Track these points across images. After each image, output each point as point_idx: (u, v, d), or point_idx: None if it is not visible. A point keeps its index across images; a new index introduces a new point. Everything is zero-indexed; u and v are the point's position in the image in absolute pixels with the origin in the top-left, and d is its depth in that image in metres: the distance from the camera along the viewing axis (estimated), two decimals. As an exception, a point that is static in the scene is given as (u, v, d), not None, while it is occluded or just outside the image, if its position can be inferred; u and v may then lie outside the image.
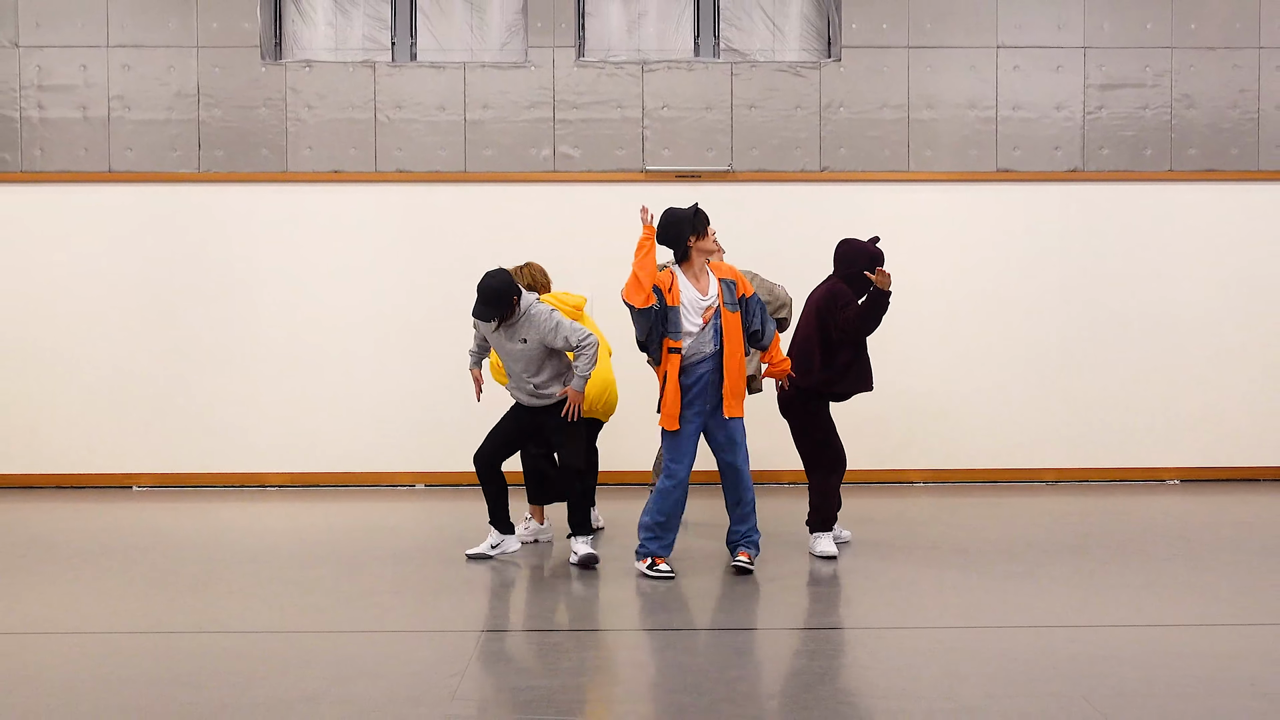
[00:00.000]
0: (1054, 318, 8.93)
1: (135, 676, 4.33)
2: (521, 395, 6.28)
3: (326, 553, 6.52)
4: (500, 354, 6.25)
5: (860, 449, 8.76)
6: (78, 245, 8.76)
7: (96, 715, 3.91)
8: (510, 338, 6.11)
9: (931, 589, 5.65)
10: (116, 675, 4.35)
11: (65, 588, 5.75)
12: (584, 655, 4.59)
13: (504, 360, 6.25)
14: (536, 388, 6.18)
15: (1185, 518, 7.61)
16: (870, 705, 4.02)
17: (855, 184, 8.86)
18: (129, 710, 3.95)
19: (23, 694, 4.14)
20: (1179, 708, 3.95)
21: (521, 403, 6.32)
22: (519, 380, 6.22)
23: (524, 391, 6.25)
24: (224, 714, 3.91)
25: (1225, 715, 3.89)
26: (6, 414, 8.73)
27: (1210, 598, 5.50)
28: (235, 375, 8.78)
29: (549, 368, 6.18)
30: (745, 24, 9.14)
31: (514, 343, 6.11)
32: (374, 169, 8.82)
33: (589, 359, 6.06)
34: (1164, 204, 8.95)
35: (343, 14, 9.13)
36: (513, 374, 6.24)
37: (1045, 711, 3.91)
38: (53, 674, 4.37)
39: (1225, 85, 8.93)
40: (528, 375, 6.17)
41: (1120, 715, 3.86)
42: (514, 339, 6.10)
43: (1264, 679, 4.26)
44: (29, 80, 8.75)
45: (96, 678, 4.32)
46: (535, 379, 6.17)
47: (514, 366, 6.19)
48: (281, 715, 3.89)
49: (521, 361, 6.15)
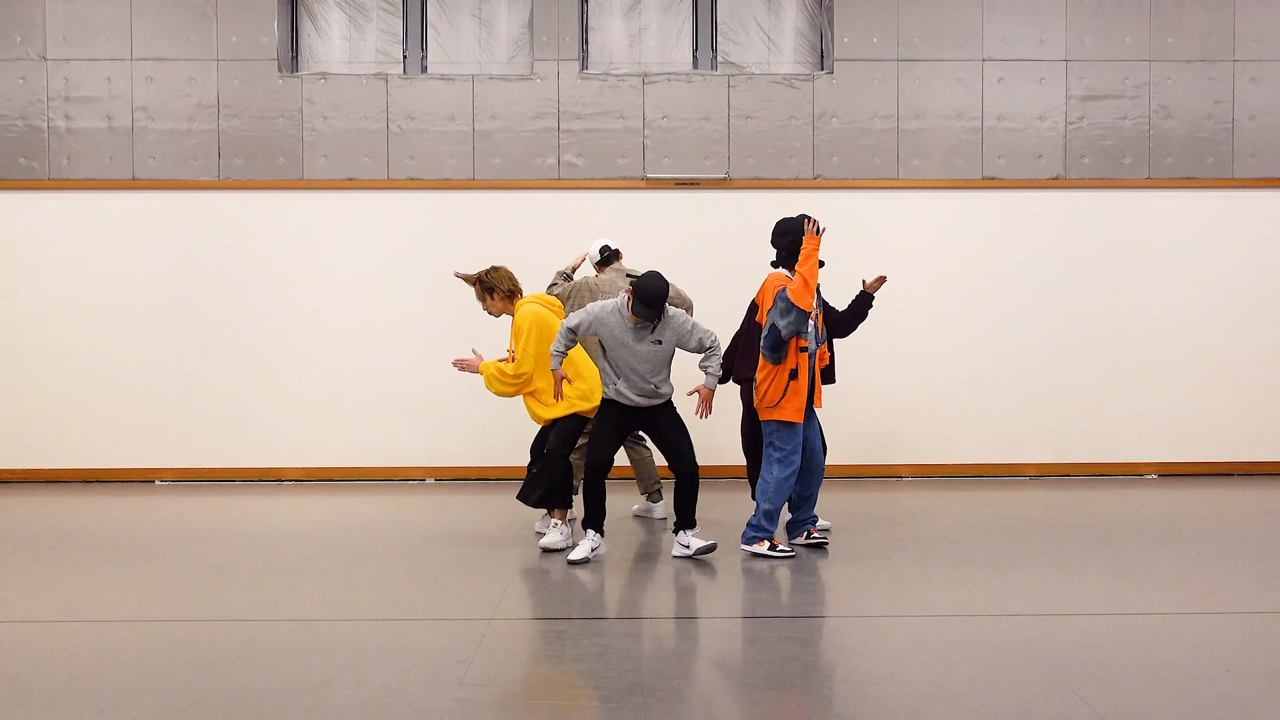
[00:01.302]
0: (1037, 319, 8.93)
1: (158, 662, 4.34)
2: (632, 396, 6.04)
3: (341, 544, 6.52)
4: (617, 355, 5.99)
5: (850, 444, 8.79)
6: (103, 249, 8.77)
7: (121, 700, 3.92)
8: (641, 339, 5.96)
9: (919, 579, 5.65)
10: (140, 661, 4.36)
11: (91, 578, 5.76)
12: (588, 642, 4.59)
13: (618, 361, 5.99)
14: (656, 388, 6.09)
15: (1162, 511, 7.61)
16: (860, 690, 4.02)
17: (847, 191, 8.86)
18: (152, 695, 3.96)
19: (51, 680, 4.15)
20: (1155, 693, 3.95)
21: (628, 404, 6.06)
22: (636, 381, 6.02)
23: (638, 392, 6.05)
24: (243, 699, 3.92)
25: (1200, 700, 3.89)
26: (35, 411, 8.74)
27: (1185, 587, 5.50)
28: (254, 374, 8.78)
29: (667, 368, 6.13)
30: (742, 38, 9.14)
31: (645, 344, 5.97)
32: (386, 177, 8.82)
33: (720, 358, 6.16)
34: (1142, 210, 8.95)
35: (357, 28, 9.13)
36: (627, 374, 6.01)
37: (1028, 696, 3.91)
38: (79, 660, 4.38)
39: (1201, 96, 8.92)
40: (651, 375, 6.04)
41: (1100, 700, 3.87)
42: (645, 340, 5.97)
43: (1237, 665, 4.27)
44: (56, 92, 8.76)
45: (121, 664, 4.33)
46: (656, 379, 6.07)
47: (638, 367, 6.00)
48: (298, 700, 3.90)
49: (650, 363, 6.01)
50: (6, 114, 8.74)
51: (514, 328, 6.35)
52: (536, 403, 6.37)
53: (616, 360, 6.03)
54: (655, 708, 3.87)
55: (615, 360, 6.03)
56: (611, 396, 6.10)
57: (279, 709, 3.82)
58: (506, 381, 6.27)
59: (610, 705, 3.85)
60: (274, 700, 3.90)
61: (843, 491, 8.20)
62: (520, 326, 6.28)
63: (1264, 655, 4.41)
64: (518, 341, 6.29)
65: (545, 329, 6.26)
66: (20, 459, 8.77)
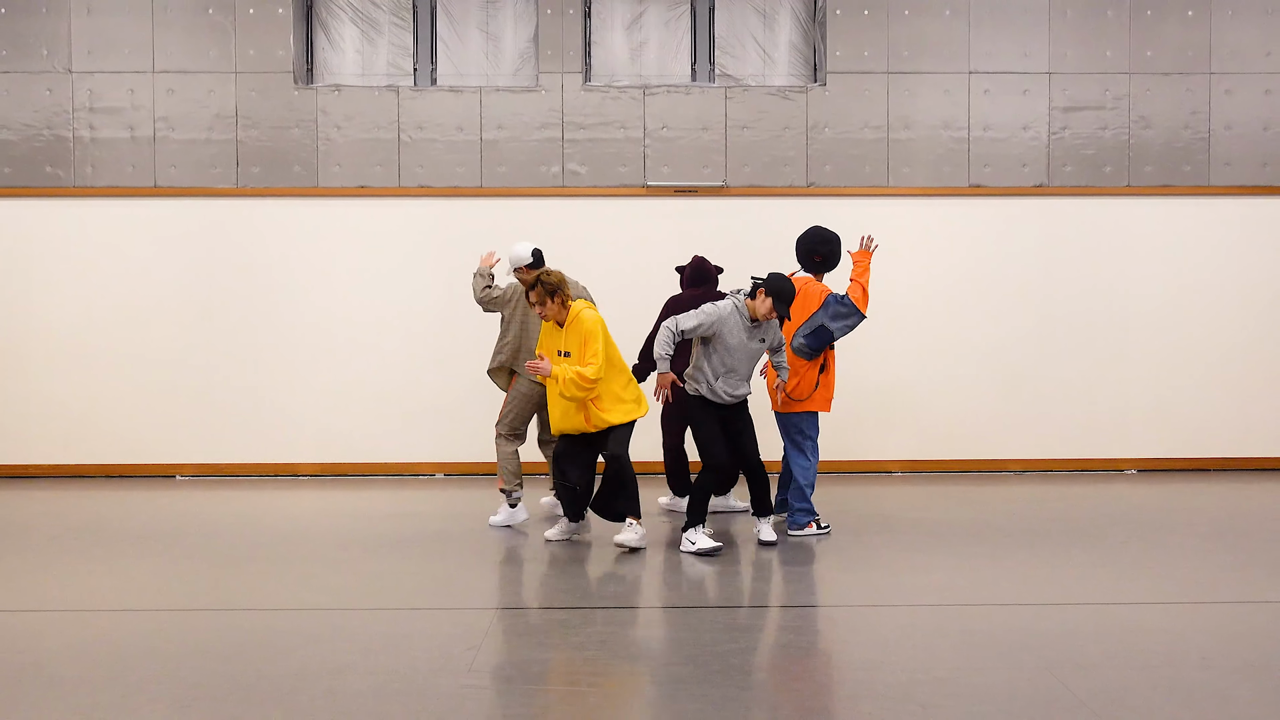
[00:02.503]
0: (1021, 320, 8.93)
1: (179, 649, 4.35)
2: (727, 394, 6.02)
3: (355, 536, 6.53)
4: (730, 355, 5.97)
5: (841, 441, 8.79)
6: (125, 254, 8.78)
7: (142, 685, 3.93)
8: (753, 338, 6.01)
9: (907, 570, 5.66)
10: (161, 648, 4.37)
11: (115, 568, 5.77)
12: (589, 630, 4.60)
13: (728, 360, 5.96)
14: (748, 386, 6.16)
15: (1140, 504, 7.61)
16: (851, 676, 4.03)
17: (839, 198, 8.86)
18: (172, 680, 3.97)
19: (76, 666, 4.16)
20: (1134, 678, 3.96)
21: (719, 402, 6.04)
22: (734, 381, 6.03)
23: (733, 391, 6.05)
24: (261, 683, 3.93)
25: (1176, 685, 3.90)
26: (60, 408, 8.75)
27: (1163, 578, 5.51)
28: (270, 373, 8.79)
29: None
30: (738, 52, 9.14)
31: (755, 343, 6.03)
32: (398, 184, 8.82)
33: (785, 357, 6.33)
34: (1122, 217, 8.95)
35: (369, 42, 9.14)
36: (729, 373, 5.99)
37: (1011, 682, 3.92)
38: (103, 647, 4.39)
39: (1178, 108, 8.92)
40: (749, 374, 6.13)
41: (1080, 685, 3.87)
42: (755, 339, 6.03)
43: (1211, 652, 4.28)
44: (81, 103, 8.76)
45: (143, 650, 4.34)
46: (750, 378, 6.17)
47: (743, 368, 6.02)
48: (313, 684, 3.91)
49: (752, 361, 6.09)
50: (34, 124, 8.75)
51: (581, 332, 5.94)
52: (595, 410, 5.96)
53: (726, 360, 5.98)
54: (655, 692, 3.89)
55: (724, 360, 5.98)
56: (705, 395, 6.04)
57: (295, 694, 3.83)
58: (584, 386, 5.84)
59: (611, 690, 3.86)
60: (290, 685, 3.91)
61: (834, 487, 8.20)
62: (592, 331, 5.91)
63: (1237, 643, 4.42)
64: (587, 346, 5.91)
65: (609, 333, 6.09)
66: (48, 454, 8.77)
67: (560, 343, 6.04)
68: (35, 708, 3.74)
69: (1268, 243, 8.97)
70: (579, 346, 5.94)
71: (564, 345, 6.01)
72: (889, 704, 3.72)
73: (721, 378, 6.00)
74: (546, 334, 6.16)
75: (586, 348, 5.91)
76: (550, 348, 6.08)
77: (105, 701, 3.78)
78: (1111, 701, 3.73)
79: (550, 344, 6.10)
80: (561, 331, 6.04)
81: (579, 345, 5.94)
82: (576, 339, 5.95)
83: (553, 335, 6.11)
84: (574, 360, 5.92)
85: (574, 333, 5.97)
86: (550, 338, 6.12)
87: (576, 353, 5.94)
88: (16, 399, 8.74)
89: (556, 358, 5.99)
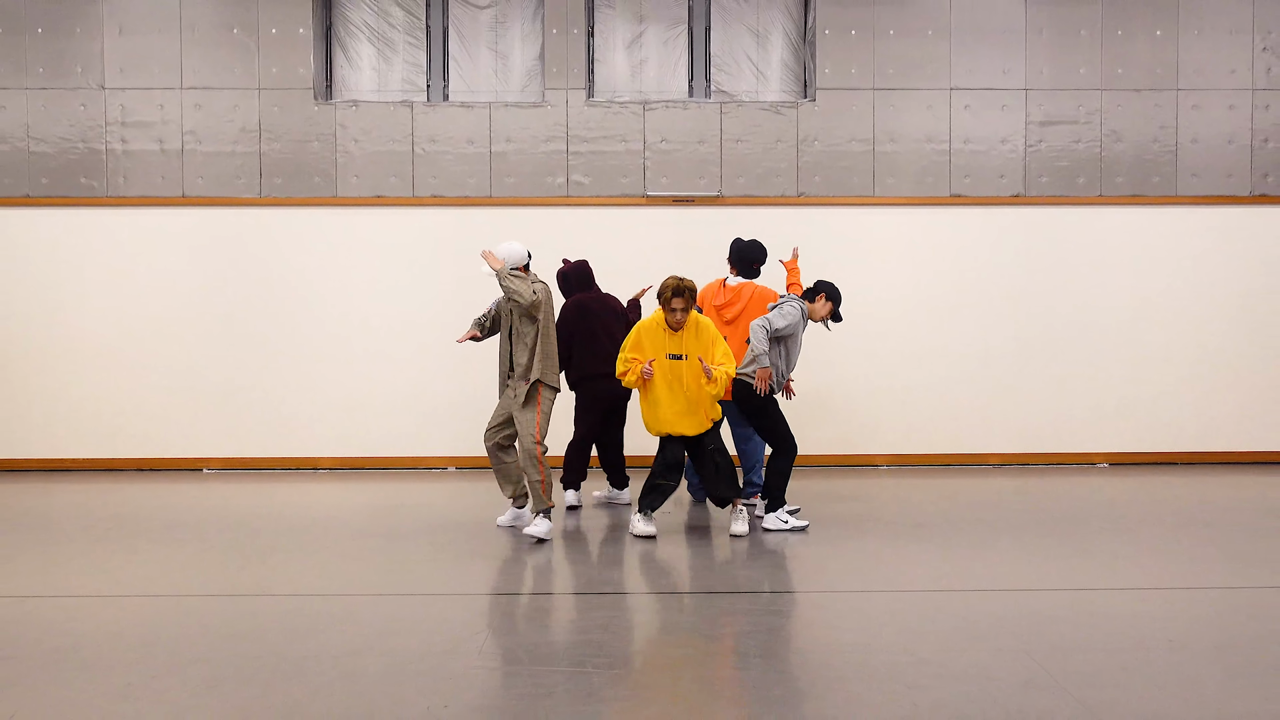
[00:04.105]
0: (1000, 322, 8.93)
1: (205, 632, 4.34)
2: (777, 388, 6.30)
3: (371, 526, 6.53)
4: (795, 351, 6.34)
5: (830, 435, 8.80)
6: (155, 259, 8.78)
7: (171, 665, 3.92)
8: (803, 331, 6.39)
9: (892, 558, 5.65)
10: (188, 631, 4.36)
11: (146, 556, 5.77)
12: (592, 615, 4.59)
13: (792, 357, 6.31)
14: None
15: (1112, 496, 7.61)
16: (839, 658, 4.02)
17: (828, 207, 8.86)
18: (201, 661, 3.96)
19: (109, 647, 4.16)
20: (1107, 660, 3.96)
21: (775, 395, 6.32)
22: (784, 376, 6.34)
23: (779, 385, 6.34)
24: (282, 665, 3.92)
25: (1146, 666, 3.89)
26: (94, 406, 8.75)
27: (1134, 565, 5.50)
28: (292, 372, 8.79)
29: None
30: (733, 69, 9.14)
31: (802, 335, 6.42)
32: (412, 194, 8.82)
33: None
34: (1095, 225, 8.95)
35: (385, 60, 9.13)
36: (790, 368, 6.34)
37: (991, 663, 3.91)
38: (134, 630, 4.39)
39: (1148, 122, 8.92)
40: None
41: (1057, 666, 3.87)
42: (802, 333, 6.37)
43: (1181, 635, 4.27)
44: (114, 118, 8.76)
45: (172, 633, 4.33)
46: None
47: (796, 362, 6.39)
48: (331, 666, 3.90)
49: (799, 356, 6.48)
50: (69, 138, 8.75)
51: (709, 334, 5.95)
52: (708, 409, 5.99)
53: (791, 357, 6.31)
54: (656, 673, 3.87)
55: (791, 356, 6.30)
56: (772, 387, 6.22)
57: (315, 674, 3.82)
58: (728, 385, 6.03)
59: (613, 671, 3.85)
60: (310, 666, 3.90)
61: (823, 479, 8.20)
62: (716, 334, 5.99)
63: (1203, 627, 4.41)
64: (716, 347, 5.93)
65: None
66: (82, 450, 8.78)
67: (676, 346, 5.93)
68: (71, 686, 3.73)
69: (1232, 249, 8.97)
70: (706, 348, 5.93)
71: (682, 349, 5.92)
72: (876, 684, 3.71)
73: (784, 372, 6.32)
74: (654, 338, 5.95)
75: (716, 348, 5.93)
76: (660, 351, 5.94)
77: (136, 680, 3.77)
78: (1085, 682, 3.72)
79: (661, 348, 5.94)
80: (676, 335, 5.93)
81: (706, 347, 5.93)
82: (704, 341, 5.93)
83: (665, 340, 5.95)
84: (693, 362, 5.90)
85: (700, 336, 5.93)
86: (664, 342, 5.95)
87: (704, 354, 5.90)
88: (53, 397, 8.74)
89: (664, 360, 5.92)
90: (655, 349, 5.95)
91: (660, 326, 5.96)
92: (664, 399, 5.95)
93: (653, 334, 5.97)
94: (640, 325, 6.04)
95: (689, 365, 5.91)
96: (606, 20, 9.13)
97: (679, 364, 5.92)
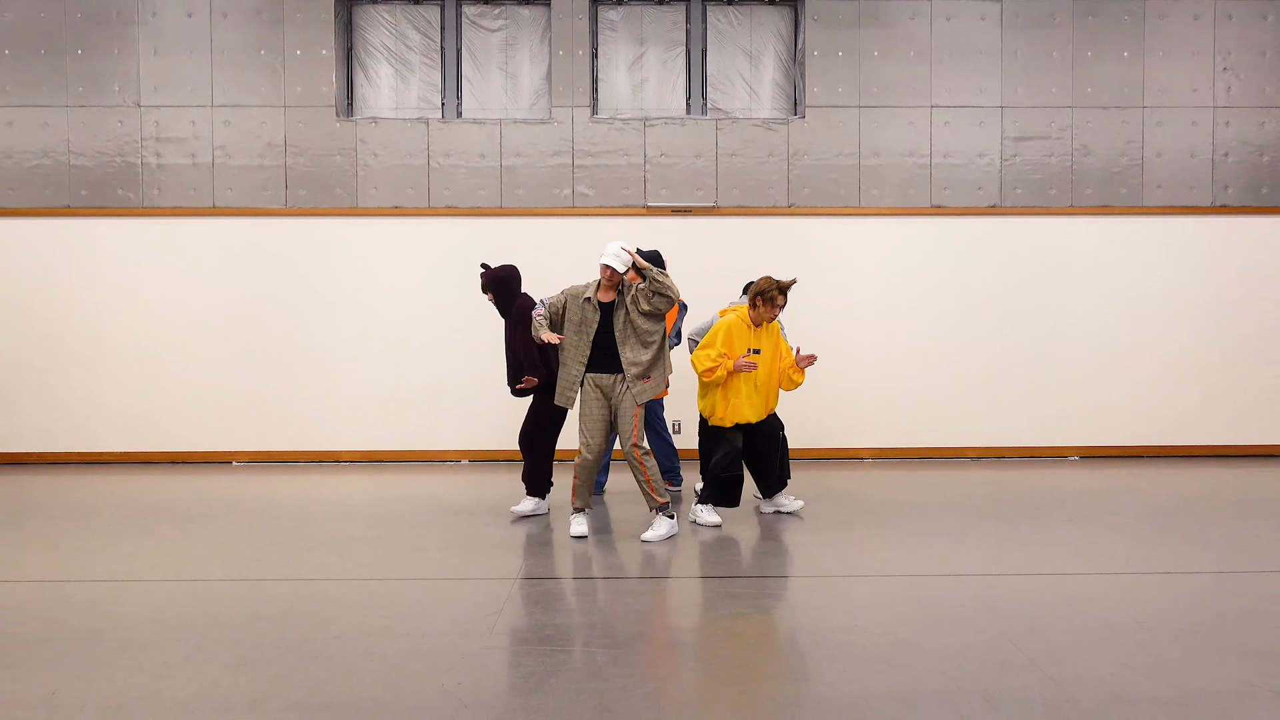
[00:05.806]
0: (977, 325, 8.92)
1: (233, 614, 4.35)
2: None
3: (390, 515, 6.53)
4: None
5: (819, 430, 8.79)
6: (188, 267, 8.78)
7: (202, 646, 3.93)
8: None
9: (876, 545, 5.65)
10: (218, 614, 4.36)
11: (178, 544, 5.77)
12: (600, 599, 4.59)
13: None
14: None
15: (1082, 487, 7.61)
16: (826, 639, 4.02)
17: (816, 217, 8.86)
18: (230, 641, 3.97)
19: (144, 629, 4.16)
20: (1078, 641, 3.95)
21: None
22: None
23: None
24: (305, 645, 3.93)
25: (1116, 646, 3.89)
26: (129, 402, 8.75)
27: (1103, 552, 5.50)
28: (315, 371, 8.79)
29: None
30: (728, 88, 9.13)
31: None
32: (428, 205, 8.82)
33: None
34: (1066, 234, 8.95)
35: (402, 80, 9.13)
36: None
37: (970, 644, 3.91)
38: (167, 613, 4.39)
39: (1115, 137, 8.92)
40: None
41: (1031, 647, 3.87)
42: None
43: (1147, 617, 4.27)
44: (149, 134, 8.76)
45: (203, 616, 4.34)
46: None
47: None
48: (352, 646, 3.91)
49: None
50: (107, 152, 8.75)
51: (776, 331, 6.10)
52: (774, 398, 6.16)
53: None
54: (655, 653, 3.87)
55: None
56: None
57: (337, 654, 3.82)
58: None
59: (616, 651, 3.85)
60: (333, 647, 3.90)
61: (811, 471, 8.19)
62: (779, 330, 6.13)
63: (1169, 609, 4.41)
64: (782, 342, 6.11)
65: None
66: (118, 443, 8.78)
67: (755, 342, 6.03)
68: (108, 666, 3.73)
69: (1194, 256, 8.96)
70: (777, 342, 6.07)
71: (758, 344, 6.04)
72: (860, 663, 3.71)
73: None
74: (741, 335, 5.99)
75: (782, 343, 6.08)
76: (744, 347, 6.03)
77: (170, 660, 3.77)
78: (1057, 661, 3.72)
79: (746, 343, 6.02)
80: (757, 332, 6.03)
81: (776, 341, 6.07)
82: (774, 336, 6.06)
83: (748, 336, 6.02)
84: (768, 356, 6.04)
85: (770, 331, 6.06)
86: (746, 338, 6.02)
87: (776, 348, 6.07)
88: (91, 394, 8.74)
89: (748, 355, 6.03)
90: (742, 345, 6.03)
91: (745, 323, 6.02)
92: (744, 390, 6.02)
93: (739, 331, 6.03)
94: (725, 324, 6.01)
95: (766, 358, 6.05)
96: (609, 42, 9.13)
97: (757, 358, 6.03)
